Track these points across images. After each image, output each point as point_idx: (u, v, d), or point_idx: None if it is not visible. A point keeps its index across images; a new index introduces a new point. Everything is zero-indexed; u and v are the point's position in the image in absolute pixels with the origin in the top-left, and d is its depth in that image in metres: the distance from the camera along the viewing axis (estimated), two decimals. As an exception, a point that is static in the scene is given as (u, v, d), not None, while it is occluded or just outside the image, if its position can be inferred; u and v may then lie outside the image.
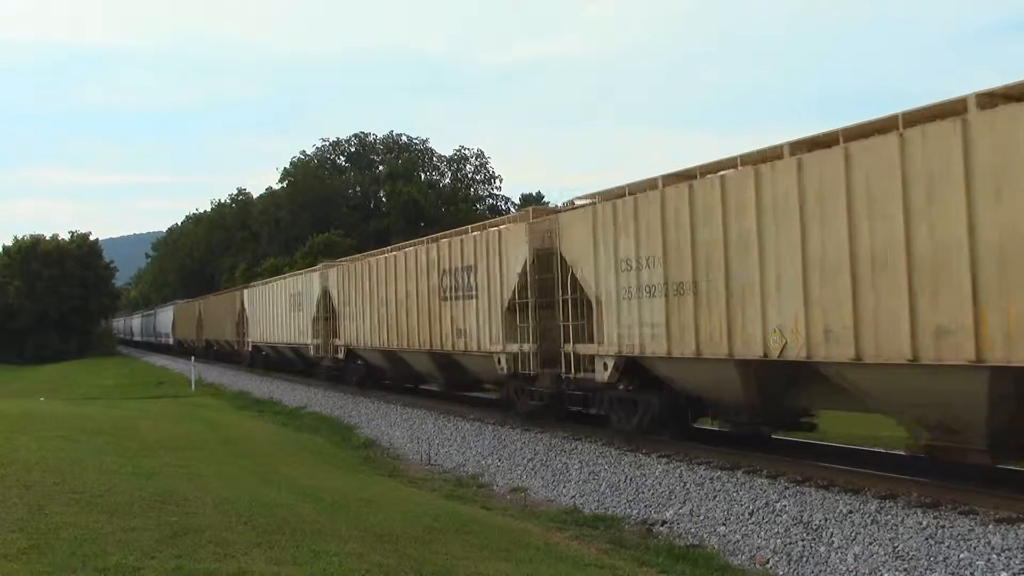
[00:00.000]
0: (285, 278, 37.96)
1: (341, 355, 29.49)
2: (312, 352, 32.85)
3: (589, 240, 15.38)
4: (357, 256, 29.92)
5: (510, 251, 18.19)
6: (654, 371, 14.27)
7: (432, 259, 21.79)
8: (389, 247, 27.10)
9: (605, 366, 15.02)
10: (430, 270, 21.84)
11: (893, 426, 11.80)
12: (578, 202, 16.51)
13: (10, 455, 12.15)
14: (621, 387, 15.01)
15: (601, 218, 15.13)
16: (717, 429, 14.67)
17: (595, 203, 15.61)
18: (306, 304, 33.38)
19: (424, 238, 24.00)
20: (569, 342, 16.09)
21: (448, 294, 20.81)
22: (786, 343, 11.29)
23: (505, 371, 18.43)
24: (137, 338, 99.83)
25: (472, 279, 19.63)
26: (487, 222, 20.98)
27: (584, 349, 15.73)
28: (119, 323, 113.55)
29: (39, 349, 72.44)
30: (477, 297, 19.42)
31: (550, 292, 16.93)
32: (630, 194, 14.64)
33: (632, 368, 14.71)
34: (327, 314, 30.91)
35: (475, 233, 20.20)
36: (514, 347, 17.91)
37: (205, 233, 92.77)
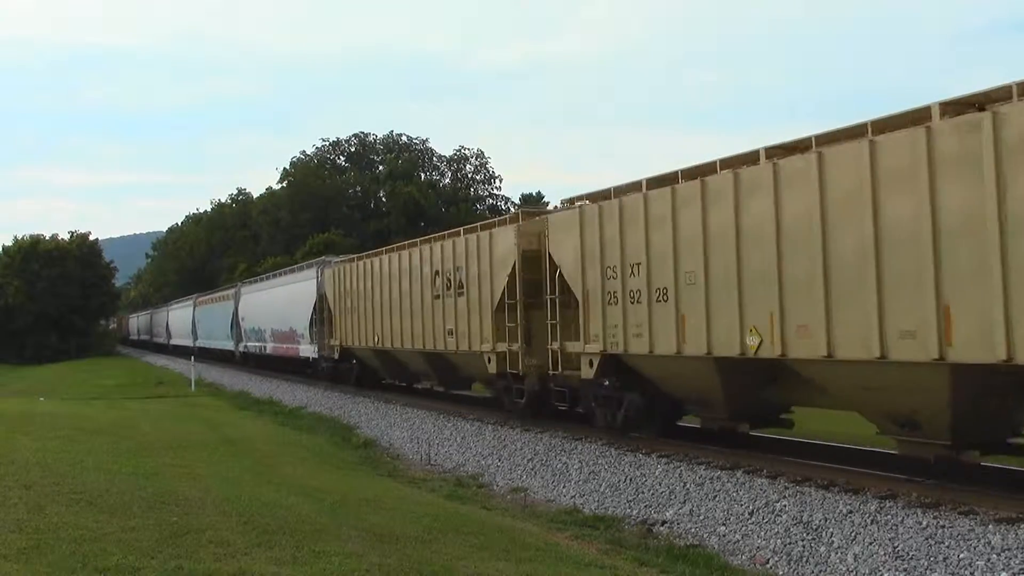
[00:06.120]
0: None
1: (336, 355, 29.57)
2: (311, 354, 32.81)
3: (576, 241, 15.63)
4: (352, 256, 29.93)
5: (499, 252, 18.46)
6: (638, 369, 14.58)
7: (425, 260, 22.04)
8: (384, 248, 27.25)
9: (591, 363, 15.33)
10: (423, 271, 22.09)
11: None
12: (570, 204, 16.80)
13: (10, 455, 12.18)
14: (606, 384, 15.28)
15: (588, 220, 15.39)
16: (699, 427, 15.17)
17: (583, 205, 15.93)
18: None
19: (417, 239, 24.11)
20: (556, 340, 16.44)
21: (440, 294, 21.09)
22: (761, 341, 11.70)
23: (494, 370, 18.74)
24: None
25: (463, 280, 19.93)
26: (478, 223, 21.29)
27: (570, 347, 16.06)
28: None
29: (39, 349, 72.27)
30: (468, 297, 19.70)
31: (538, 293, 17.29)
32: (615, 196, 14.95)
33: (616, 366, 14.99)
34: (323, 314, 30.93)
35: (466, 235, 20.39)
36: (503, 346, 18.23)
37: (205, 233, 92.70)
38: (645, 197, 13.99)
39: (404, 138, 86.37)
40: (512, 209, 74.49)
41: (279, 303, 37.30)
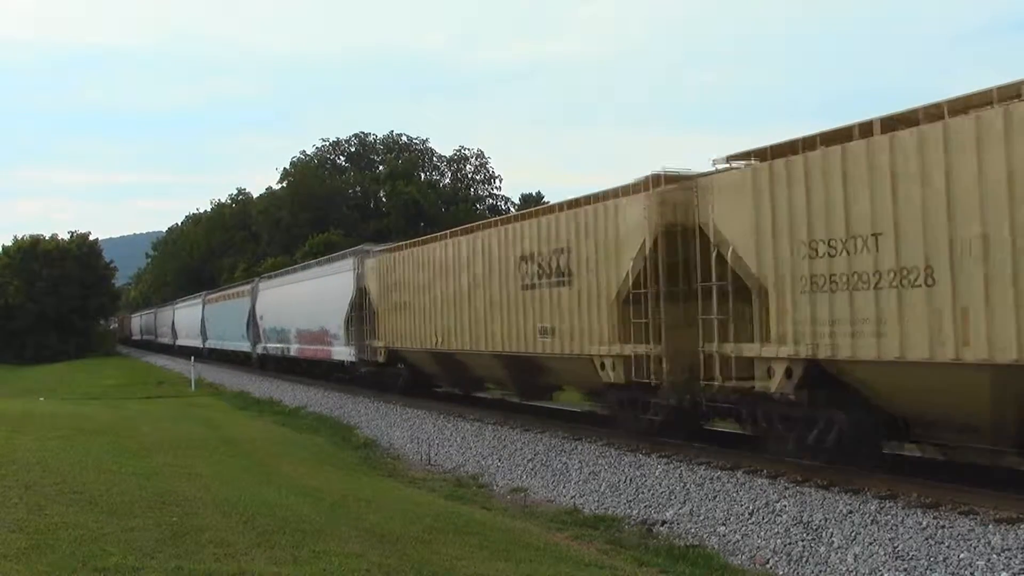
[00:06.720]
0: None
1: (381, 358, 25.53)
2: (347, 357, 28.91)
3: (754, 210, 11.93)
4: (401, 243, 26.00)
5: (624, 228, 14.51)
6: (853, 380, 11.12)
7: (509, 243, 18.00)
8: (447, 231, 22.58)
9: (773, 372, 11.77)
10: (506, 256, 18.11)
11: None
12: (723, 165, 13.07)
13: (10, 455, 12.18)
14: (793, 398, 11.73)
15: (776, 180, 11.61)
16: (942, 458, 11.56)
17: (769, 162, 11.97)
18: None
19: (494, 219, 19.84)
20: (728, 341, 12.64)
21: (533, 284, 17.09)
22: None
23: (619, 379, 14.70)
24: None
25: (568, 265, 15.99)
26: (589, 195, 16.33)
27: (742, 350, 12.39)
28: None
29: (39, 349, 72.30)
30: (575, 287, 15.77)
31: (681, 279, 13.69)
32: (821, 144, 11.23)
33: (817, 375, 11.46)
34: (362, 312, 26.91)
35: (573, 209, 16.35)
36: (629, 348, 14.38)
37: (205, 233, 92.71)
38: (892, 140, 10.10)
39: (404, 138, 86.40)
40: (512, 209, 74.56)
41: (306, 299, 33.56)
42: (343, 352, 29.29)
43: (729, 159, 12.92)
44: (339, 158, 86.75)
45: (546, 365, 17.60)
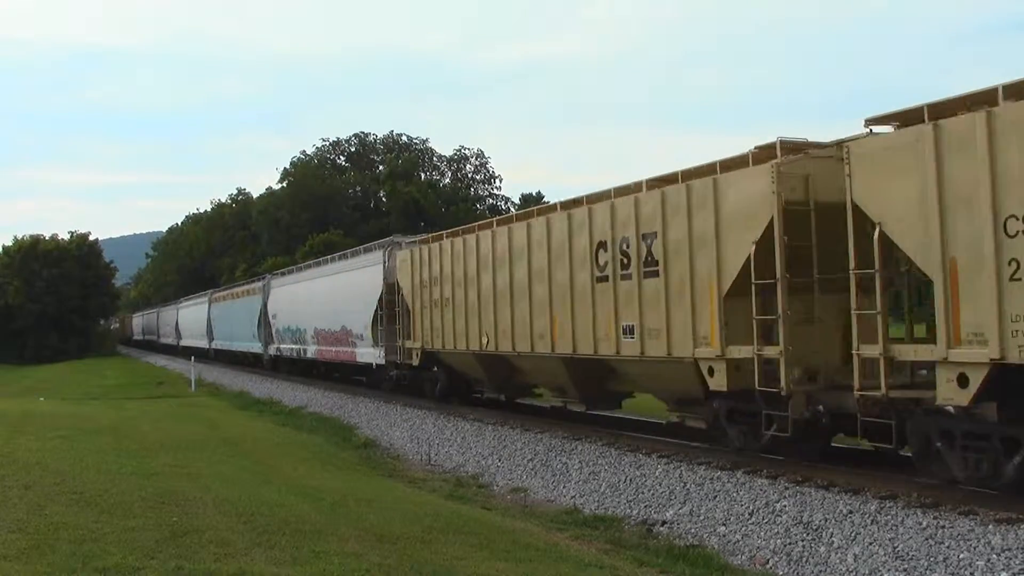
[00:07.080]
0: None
1: (415, 361, 23.31)
2: (374, 359, 26.71)
3: (924, 179, 9.72)
4: (440, 232, 23.10)
5: (741, 207, 12.27)
6: None
7: (578, 228, 15.75)
8: (495, 218, 20.89)
9: (966, 380, 9.51)
10: (574, 244, 15.86)
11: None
12: (880, 128, 10.81)
13: (10, 455, 12.19)
14: (999, 414, 9.60)
15: (952, 142, 9.47)
16: None
17: (959, 116, 9.63)
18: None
19: (557, 203, 17.74)
20: (900, 341, 10.79)
21: (610, 275, 14.82)
22: None
23: (730, 385, 12.52)
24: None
25: (658, 252, 13.74)
26: (685, 170, 13.82)
27: (910, 352, 10.41)
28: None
29: (39, 349, 72.44)
30: (668, 278, 13.54)
31: (815, 266, 11.80)
32: (1008, 98, 9.09)
33: (1017, 386, 9.34)
34: (393, 310, 24.76)
35: (664, 187, 13.91)
36: (747, 350, 12.15)
37: (205, 233, 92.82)
38: None
39: (404, 138, 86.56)
40: (512, 209, 74.53)
41: (326, 297, 31.24)
42: (370, 354, 26.89)
43: (887, 120, 10.56)
44: (339, 158, 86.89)
45: (622, 369, 15.40)
